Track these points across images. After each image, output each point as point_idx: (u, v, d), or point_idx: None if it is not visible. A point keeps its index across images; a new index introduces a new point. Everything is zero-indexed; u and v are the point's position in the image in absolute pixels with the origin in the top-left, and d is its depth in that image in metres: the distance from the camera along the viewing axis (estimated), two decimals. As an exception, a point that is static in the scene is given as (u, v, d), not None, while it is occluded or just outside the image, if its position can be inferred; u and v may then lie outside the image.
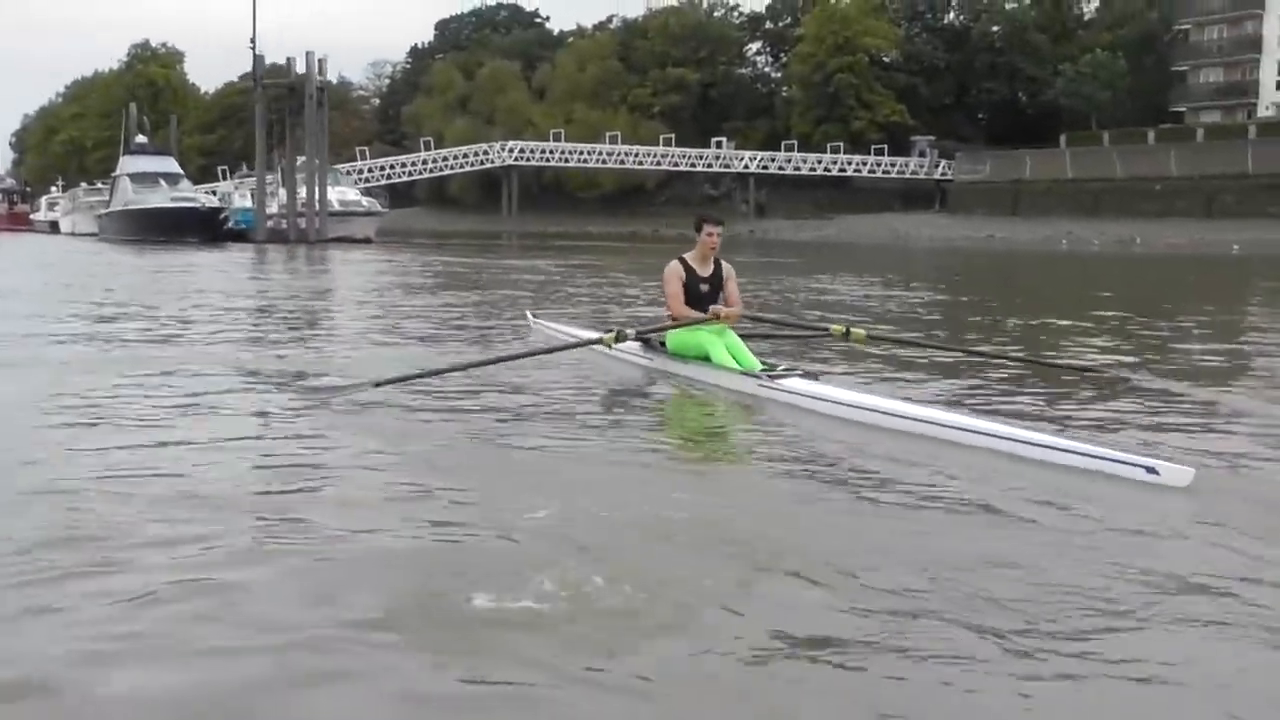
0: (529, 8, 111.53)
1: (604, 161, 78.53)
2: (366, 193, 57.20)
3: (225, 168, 73.29)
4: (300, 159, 48.15)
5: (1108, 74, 71.96)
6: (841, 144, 79.08)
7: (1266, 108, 68.97)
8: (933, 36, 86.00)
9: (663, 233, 74.32)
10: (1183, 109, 73.63)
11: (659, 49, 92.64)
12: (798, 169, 79.29)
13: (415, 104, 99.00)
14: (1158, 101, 75.21)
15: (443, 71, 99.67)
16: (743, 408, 7.68)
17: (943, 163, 78.90)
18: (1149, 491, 5.47)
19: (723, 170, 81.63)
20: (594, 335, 9.24)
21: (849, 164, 78.79)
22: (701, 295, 8.60)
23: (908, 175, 79.87)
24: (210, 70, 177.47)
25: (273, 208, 49.98)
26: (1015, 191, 68.74)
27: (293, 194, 47.34)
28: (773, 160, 79.53)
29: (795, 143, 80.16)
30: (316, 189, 46.22)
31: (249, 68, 51.26)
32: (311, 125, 46.42)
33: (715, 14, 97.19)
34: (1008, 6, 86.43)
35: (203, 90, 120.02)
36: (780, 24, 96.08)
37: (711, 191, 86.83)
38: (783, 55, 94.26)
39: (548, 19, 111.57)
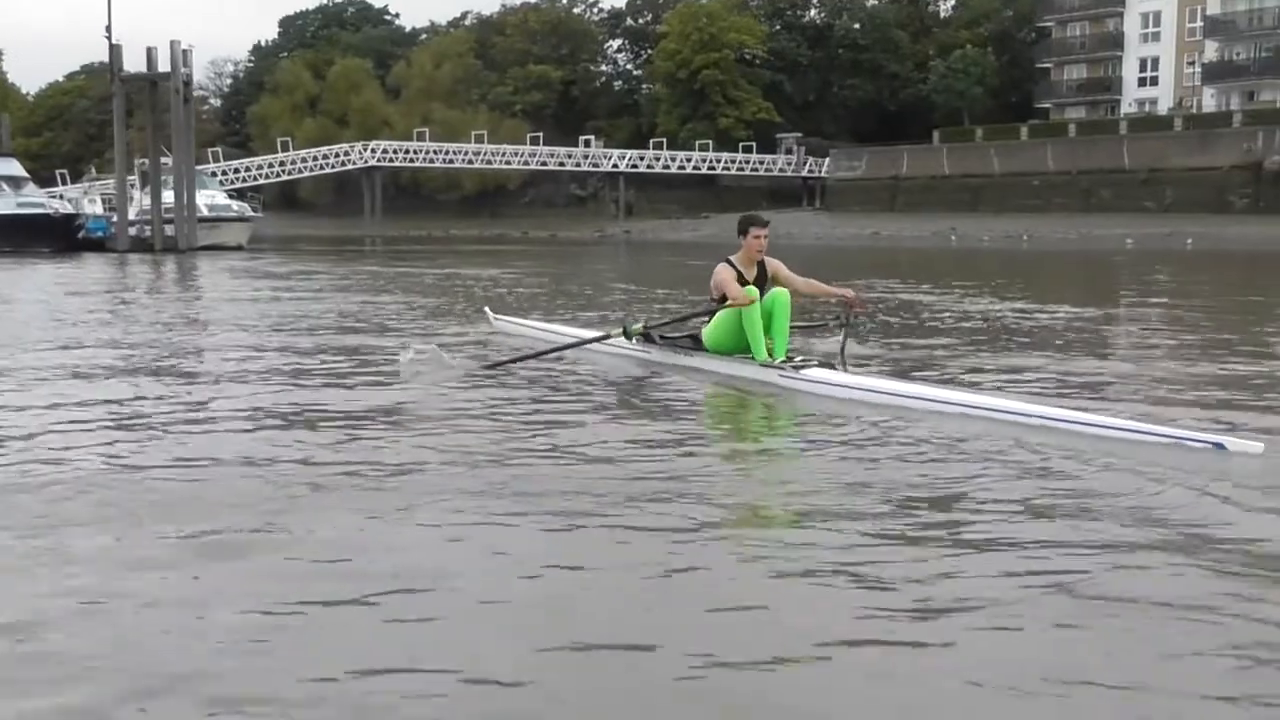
0: (378, 4, 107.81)
1: (470, 161, 75.76)
2: (236, 196, 53.45)
3: (64, 171, 68.40)
4: (164, 160, 44.60)
5: (979, 70, 72.33)
6: (710, 142, 77.88)
7: (1130, 104, 69.96)
8: (795, 33, 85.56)
9: (532, 234, 72.15)
10: (1048, 105, 74.38)
11: (519, 46, 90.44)
12: (667, 167, 77.70)
13: (261, 104, 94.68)
14: (1021, 98, 75.99)
15: (290, 70, 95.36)
16: (775, 399, 7.85)
17: (810, 160, 78.26)
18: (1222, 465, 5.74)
19: (590, 170, 79.54)
20: (601, 332, 9.79)
21: (718, 162, 77.55)
22: None
23: (775, 173, 79.03)
24: (28, 71, 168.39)
25: (129, 213, 46.15)
26: (893, 188, 68.24)
27: (157, 198, 43.47)
28: (641, 159, 77.77)
29: (664, 141, 78.61)
30: (185, 193, 42.57)
31: (75, 66, 47.05)
32: (178, 122, 42.80)
33: (575, 10, 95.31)
34: (869, 4, 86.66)
35: (24, 91, 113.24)
36: (641, 20, 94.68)
37: (578, 191, 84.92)
38: (645, 52, 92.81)
39: (398, 16, 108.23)
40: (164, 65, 43.49)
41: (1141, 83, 70.28)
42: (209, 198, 46.42)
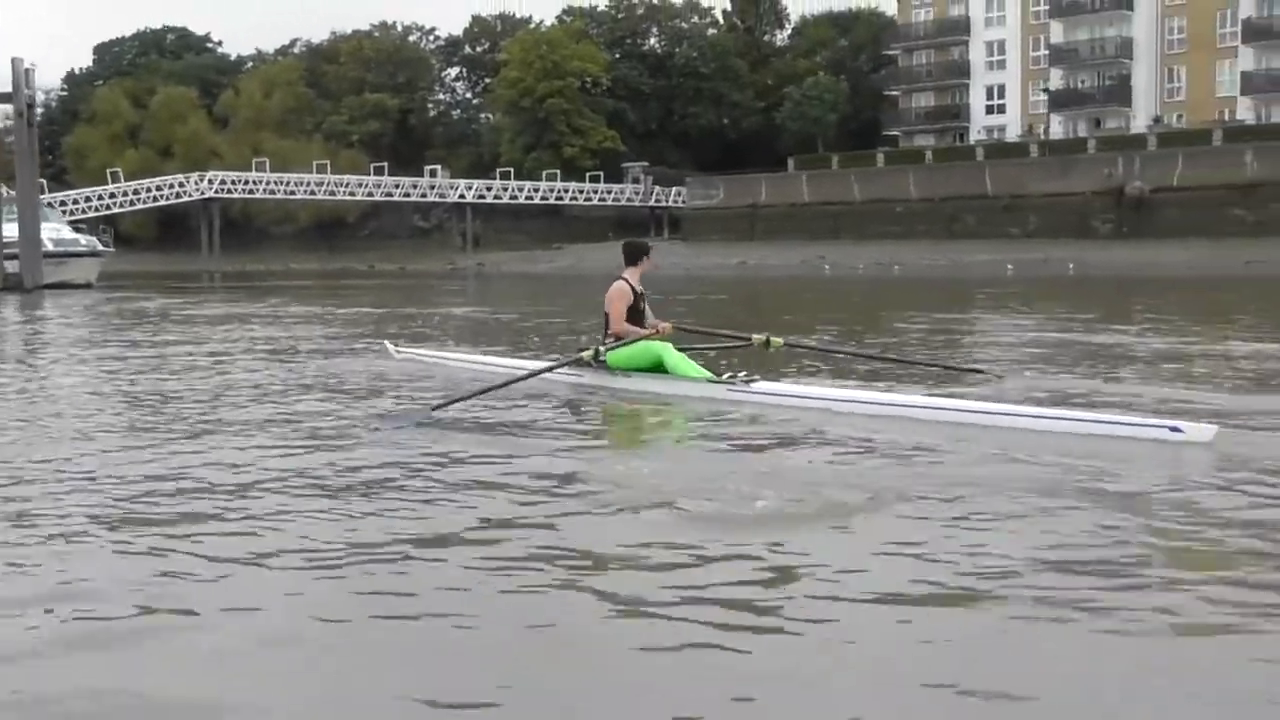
0: (199, 32, 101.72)
1: (313, 192, 71.04)
2: (83, 229, 47.73)
3: None
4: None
5: (833, 97, 71.14)
6: (557, 172, 74.94)
7: (979, 131, 69.54)
8: (635, 62, 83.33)
9: (379, 268, 67.83)
10: (896, 132, 73.54)
11: (353, 74, 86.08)
12: (515, 197, 74.35)
13: (77, 134, 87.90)
14: (861, 125, 75.00)
15: (107, 99, 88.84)
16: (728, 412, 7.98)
17: (656, 189, 75.98)
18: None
19: (437, 200, 75.53)
20: (570, 357, 9.49)
21: (565, 192, 74.57)
22: (641, 311, 9.23)
23: (623, 203, 76.48)
24: None
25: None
26: (751, 216, 65.99)
27: None
28: (489, 189, 74.21)
29: (511, 171, 75.29)
30: (30, 225, 37.15)
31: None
32: (21, 148, 37.41)
33: (410, 38, 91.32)
34: (708, 33, 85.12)
35: None
36: (478, 48, 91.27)
37: (421, 223, 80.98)
38: (484, 81, 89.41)
39: (220, 43, 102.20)
40: (3, 85, 38.41)
41: (989, 110, 70.03)
42: (53, 231, 40.79)
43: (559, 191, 74.47)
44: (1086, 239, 53.39)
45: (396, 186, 72.88)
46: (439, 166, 75.72)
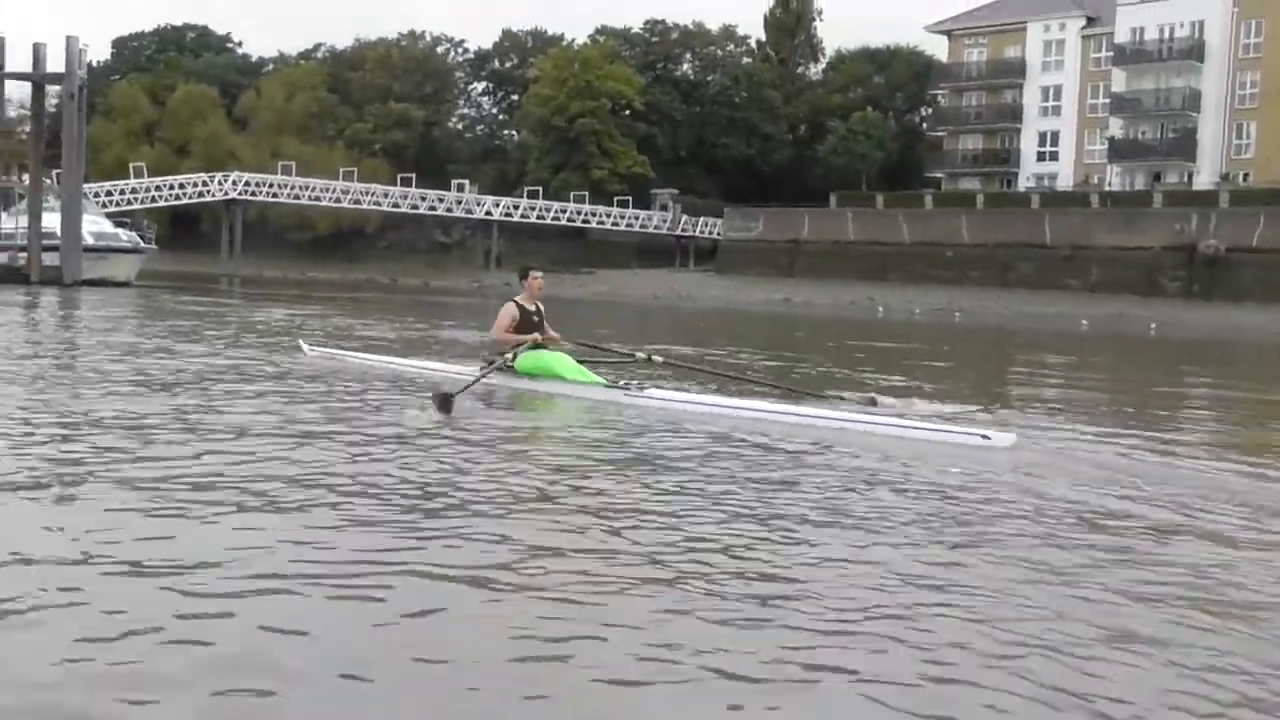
0: (220, 31, 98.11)
1: (338, 200, 67.48)
2: (123, 224, 44.11)
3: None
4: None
5: (880, 133, 67.76)
6: (586, 194, 71.48)
7: (1028, 178, 66.07)
8: (668, 87, 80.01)
9: (402, 282, 64.15)
10: (939, 175, 70.03)
11: (378, 82, 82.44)
12: (541, 217, 70.77)
13: (93, 128, 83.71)
14: (889, 167, 71.58)
15: (126, 93, 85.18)
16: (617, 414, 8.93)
17: (685, 218, 72.47)
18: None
19: (463, 215, 71.83)
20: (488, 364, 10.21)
21: (593, 215, 71.02)
22: (533, 324, 10.07)
23: (650, 229, 72.96)
24: None
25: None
26: (793, 252, 62.40)
27: (36, 222, 34.35)
28: (516, 207, 70.64)
29: (540, 189, 71.78)
30: (74, 216, 33.53)
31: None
32: (71, 134, 33.66)
33: (438, 49, 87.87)
34: (743, 62, 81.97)
35: None
36: (507, 64, 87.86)
37: (442, 238, 77.26)
38: (511, 97, 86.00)
39: (240, 44, 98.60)
40: (53, 65, 34.98)
41: (1041, 157, 66.49)
42: (93, 224, 37.30)
43: (586, 214, 71.01)
44: (1154, 296, 50.03)
45: (423, 199, 69.33)
46: (466, 181, 72.14)
